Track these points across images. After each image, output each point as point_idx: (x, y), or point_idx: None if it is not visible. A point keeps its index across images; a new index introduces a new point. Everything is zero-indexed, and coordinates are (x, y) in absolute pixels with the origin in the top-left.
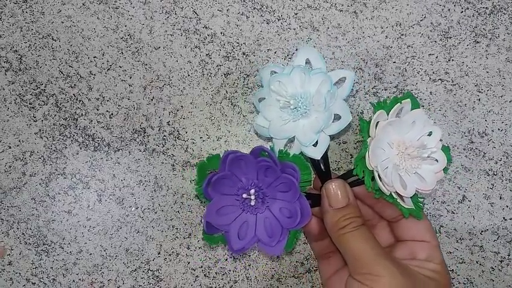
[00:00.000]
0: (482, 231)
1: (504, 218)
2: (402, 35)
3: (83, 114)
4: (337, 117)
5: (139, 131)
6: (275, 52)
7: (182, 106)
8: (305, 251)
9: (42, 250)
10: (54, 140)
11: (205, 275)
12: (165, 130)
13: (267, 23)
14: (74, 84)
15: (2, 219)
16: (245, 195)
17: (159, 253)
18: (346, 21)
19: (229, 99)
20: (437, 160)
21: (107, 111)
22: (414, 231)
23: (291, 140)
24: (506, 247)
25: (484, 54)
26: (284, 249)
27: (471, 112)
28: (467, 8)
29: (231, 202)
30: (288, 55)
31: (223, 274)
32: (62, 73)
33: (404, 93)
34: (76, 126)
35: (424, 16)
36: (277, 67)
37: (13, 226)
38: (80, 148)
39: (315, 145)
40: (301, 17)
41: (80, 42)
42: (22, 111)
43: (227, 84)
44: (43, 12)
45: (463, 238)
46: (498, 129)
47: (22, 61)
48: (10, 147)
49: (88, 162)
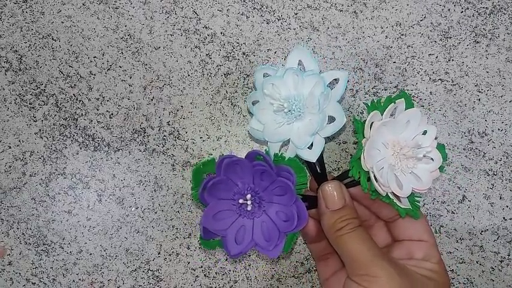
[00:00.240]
0: (482, 231)
1: (504, 218)
2: (402, 35)
3: (83, 114)
4: (331, 119)
5: (139, 131)
6: (275, 52)
7: (182, 106)
8: (305, 251)
9: (42, 250)
10: (54, 140)
11: (205, 275)
12: (165, 130)
13: (267, 23)
14: (74, 84)
15: (2, 219)
16: (241, 200)
17: (159, 253)
18: (346, 21)
19: (229, 99)
20: (432, 159)
21: (107, 111)
22: (411, 230)
23: (286, 143)
24: (506, 247)
25: (484, 54)
26: (282, 252)
27: (471, 112)
28: (467, 8)
29: (228, 207)
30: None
31: (223, 274)
32: (62, 73)
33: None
34: (76, 126)
35: (424, 16)
36: (270, 69)
37: (13, 226)
38: (80, 148)
39: (310, 147)
40: (301, 17)
41: (80, 42)
42: (22, 111)
43: (227, 84)
44: (43, 12)
45: (463, 238)
46: (498, 129)
47: (22, 61)
48: (10, 147)
49: (88, 162)
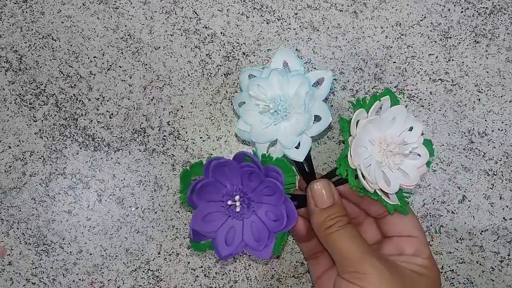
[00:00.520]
0: (482, 231)
1: (504, 218)
2: (402, 35)
3: (83, 114)
4: (317, 118)
5: (139, 131)
6: (275, 52)
7: (182, 106)
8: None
9: (42, 250)
10: (54, 140)
11: (205, 275)
12: (165, 130)
13: (267, 23)
14: (74, 84)
15: (2, 219)
16: (230, 201)
17: (159, 253)
18: (346, 21)
19: (229, 99)
20: (419, 155)
21: (107, 111)
22: (401, 226)
23: (273, 143)
24: (506, 247)
25: (484, 54)
26: (272, 252)
27: (471, 112)
28: (467, 8)
29: (217, 209)
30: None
31: (223, 274)
32: (62, 73)
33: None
34: (76, 126)
35: (424, 16)
36: (255, 70)
37: (13, 226)
38: (80, 148)
39: (298, 147)
40: (301, 17)
41: (80, 42)
42: (22, 111)
43: (227, 84)
44: (43, 12)
45: (463, 238)
46: (498, 129)
47: (22, 61)
48: (10, 147)
49: (88, 162)
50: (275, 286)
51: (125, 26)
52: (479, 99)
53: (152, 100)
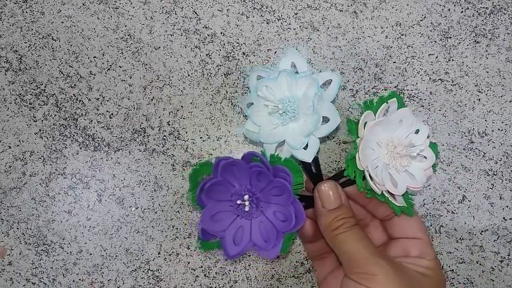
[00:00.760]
0: (482, 231)
1: (504, 218)
2: (402, 35)
3: (83, 114)
4: (325, 119)
5: (139, 131)
6: (275, 52)
7: (182, 106)
8: (305, 251)
9: (42, 250)
10: (54, 140)
11: (205, 275)
12: (165, 130)
13: (267, 23)
14: (74, 84)
15: (2, 219)
16: (239, 201)
17: (159, 253)
18: (346, 21)
19: (229, 99)
20: (425, 157)
21: (107, 111)
22: (406, 228)
23: (281, 144)
24: (506, 247)
25: (484, 54)
26: (280, 252)
27: (471, 112)
28: (467, 8)
29: (225, 208)
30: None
31: (223, 274)
32: (62, 73)
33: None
34: (76, 126)
35: (424, 16)
36: (263, 71)
37: (13, 226)
38: (80, 148)
39: (305, 148)
40: (301, 17)
41: (80, 42)
42: (22, 111)
43: (227, 84)
44: (43, 12)
45: (463, 238)
46: (498, 129)
47: (22, 61)
48: (10, 147)
49: (88, 162)
50: (275, 286)
51: (125, 26)
52: (479, 99)
53: (152, 100)
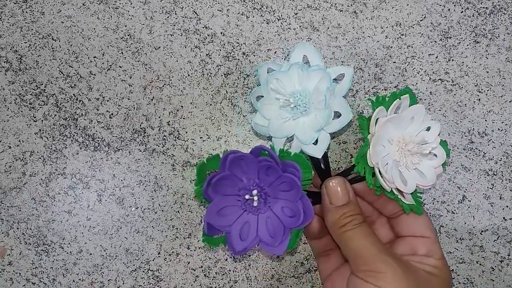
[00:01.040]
0: (482, 231)
1: (504, 218)
2: (402, 35)
3: (83, 114)
4: (336, 114)
5: (139, 131)
6: (275, 52)
7: (182, 106)
8: (305, 251)
9: (42, 250)
10: (54, 140)
11: (205, 275)
12: (165, 130)
13: (267, 23)
14: (74, 84)
15: (2, 219)
16: (247, 196)
17: (159, 253)
18: (346, 21)
19: (229, 99)
20: (436, 155)
21: (107, 111)
22: (414, 227)
23: (290, 139)
24: (506, 247)
25: (484, 54)
26: (287, 248)
27: (471, 112)
28: (467, 8)
29: (232, 203)
30: (288, 55)
31: (223, 274)
32: (62, 73)
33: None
34: (76, 126)
35: (424, 16)
36: (274, 64)
37: (13, 226)
38: (80, 148)
39: (315, 143)
40: (301, 17)
41: (80, 42)
42: (22, 111)
43: (227, 84)
44: (43, 12)
45: (463, 238)
46: (498, 129)
47: (22, 61)
48: (10, 147)
49: (88, 162)
50: (275, 286)
51: (125, 26)
52: (479, 99)
53: (152, 100)
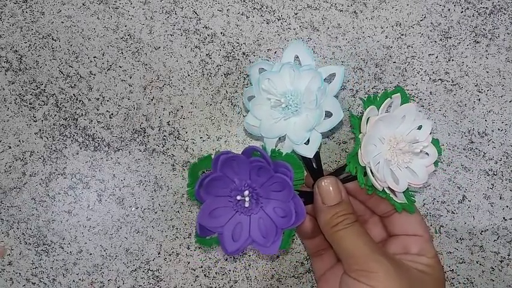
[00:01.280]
0: (482, 231)
1: (504, 218)
2: (402, 35)
3: (83, 114)
4: (328, 114)
5: (139, 131)
6: (275, 52)
7: (182, 106)
8: (305, 251)
9: (42, 250)
10: (54, 140)
11: (205, 275)
12: (165, 130)
13: (267, 23)
14: (74, 84)
15: (2, 219)
16: (239, 197)
17: (159, 253)
18: (346, 21)
19: (229, 99)
20: (427, 153)
21: (107, 111)
22: (406, 225)
23: (282, 139)
24: (506, 247)
25: (484, 54)
26: (279, 248)
27: (471, 112)
28: (467, 8)
29: (224, 204)
30: None
31: (223, 274)
32: (62, 73)
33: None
34: (76, 126)
35: (424, 16)
36: (265, 64)
37: (13, 226)
38: (80, 148)
39: (307, 143)
40: (301, 17)
41: (80, 42)
42: (22, 111)
43: (227, 84)
44: (43, 12)
45: (463, 238)
46: (498, 129)
47: (22, 61)
48: (10, 147)
49: (88, 162)
50: (275, 286)
51: (125, 26)
52: (479, 99)
53: (152, 100)
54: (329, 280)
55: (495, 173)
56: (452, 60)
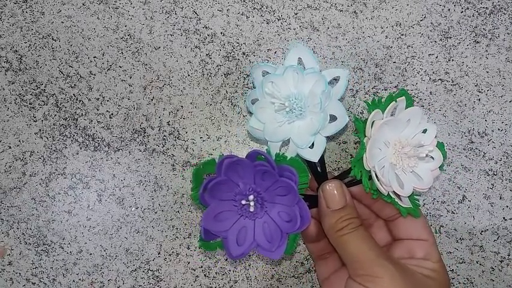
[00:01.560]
0: (482, 231)
1: (504, 218)
2: (402, 35)
3: (83, 114)
4: (332, 117)
5: (139, 131)
6: (275, 52)
7: (182, 106)
8: (305, 251)
9: (42, 250)
10: (54, 140)
11: (205, 275)
12: (165, 130)
13: (267, 23)
14: (74, 84)
15: (2, 219)
16: (244, 201)
17: (159, 253)
18: (346, 21)
19: (229, 99)
20: (433, 158)
21: (107, 111)
22: (411, 229)
23: (286, 143)
24: (506, 247)
25: (484, 54)
26: (284, 253)
27: (471, 112)
28: (467, 8)
29: (229, 207)
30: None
31: (223, 274)
32: (62, 73)
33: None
34: (76, 126)
35: (424, 16)
36: (269, 67)
37: (13, 226)
38: (80, 148)
39: (311, 147)
40: (301, 17)
41: (80, 42)
42: (22, 111)
43: (227, 84)
44: (43, 12)
45: (463, 238)
46: (498, 129)
47: (22, 61)
48: (10, 147)
49: (88, 162)
50: (275, 286)
51: (125, 26)
52: (479, 99)
53: (152, 100)
54: (333, 284)
55: (495, 173)
56: (452, 60)
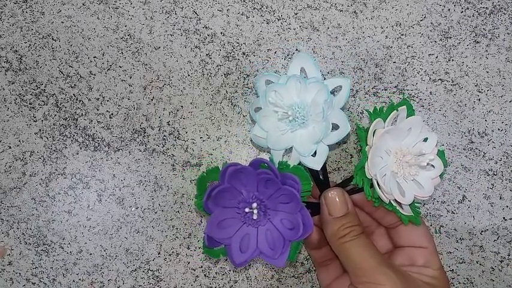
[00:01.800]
0: (482, 231)
1: (504, 218)
2: (402, 35)
3: (83, 114)
4: (334, 126)
5: (139, 131)
6: (275, 52)
7: (182, 106)
8: (305, 251)
9: (42, 250)
10: (54, 140)
11: (205, 275)
12: (165, 130)
13: (267, 23)
14: (74, 84)
15: (2, 219)
16: (247, 209)
17: (159, 253)
18: (346, 21)
19: (229, 99)
20: (433, 166)
21: (107, 111)
22: (413, 237)
23: (289, 151)
24: (506, 247)
25: (484, 54)
26: (287, 260)
27: (471, 112)
28: (467, 8)
29: (232, 215)
30: (288, 55)
31: (223, 274)
32: (62, 73)
33: (401, 98)
34: (76, 126)
35: (424, 16)
36: (272, 76)
37: (13, 226)
38: (80, 148)
39: (314, 155)
40: (301, 17)
41: (80, 42)
42: (22, 111)
43: (227, 84)
44: (43, 12)
45: (463, 238)
46: (498, 129)
47: (22, 61)
48: (10, 147)
49: (88, 162)
50: (275, 286)
51: (125, 26)
52: (479, 99)
53: (152, 100)
54: None
55: (495, 173)
56: (452, 60)
